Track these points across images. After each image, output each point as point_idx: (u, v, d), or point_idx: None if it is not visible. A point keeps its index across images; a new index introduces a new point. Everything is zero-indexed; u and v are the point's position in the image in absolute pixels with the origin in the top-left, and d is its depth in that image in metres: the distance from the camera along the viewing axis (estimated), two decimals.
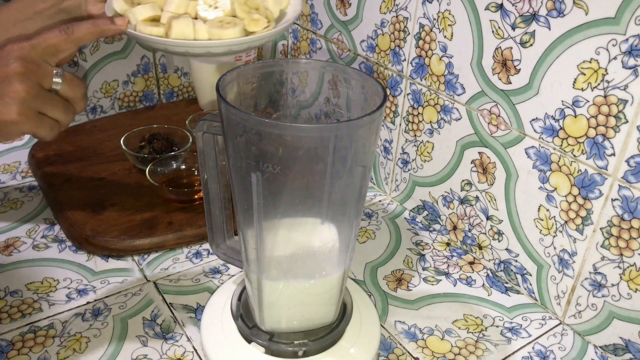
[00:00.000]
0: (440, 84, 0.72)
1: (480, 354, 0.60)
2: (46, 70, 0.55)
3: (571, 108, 0.58)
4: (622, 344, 0.59)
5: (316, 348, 0.54)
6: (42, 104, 0.55)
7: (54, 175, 0.80)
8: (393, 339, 0.61)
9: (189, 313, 0.62)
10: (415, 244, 0.76)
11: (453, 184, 0.75)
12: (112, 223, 0.71)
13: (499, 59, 0.63)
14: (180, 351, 0.57)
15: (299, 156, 0.44)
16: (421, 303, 0.66)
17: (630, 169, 0.54)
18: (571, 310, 0.64)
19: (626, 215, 0.56)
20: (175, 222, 0.72)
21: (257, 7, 0.59)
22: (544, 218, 0.64)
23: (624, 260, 0.57)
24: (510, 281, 0.70)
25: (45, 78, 0.55)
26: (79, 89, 0.58)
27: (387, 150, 0.84)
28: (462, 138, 0.71)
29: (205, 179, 0.54)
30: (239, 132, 0.44)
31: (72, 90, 0.57)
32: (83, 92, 0.58)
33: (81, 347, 0.57)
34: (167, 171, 0.79)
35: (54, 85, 0.56)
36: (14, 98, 0.52)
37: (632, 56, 0.51)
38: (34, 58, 0.54)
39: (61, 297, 0.62)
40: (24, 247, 0.69)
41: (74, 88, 0.57)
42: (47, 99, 0.55)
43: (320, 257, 0.52)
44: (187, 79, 1.07)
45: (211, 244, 0.59)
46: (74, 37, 0.56)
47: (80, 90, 0.58)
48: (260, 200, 0.46)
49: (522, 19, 0.60)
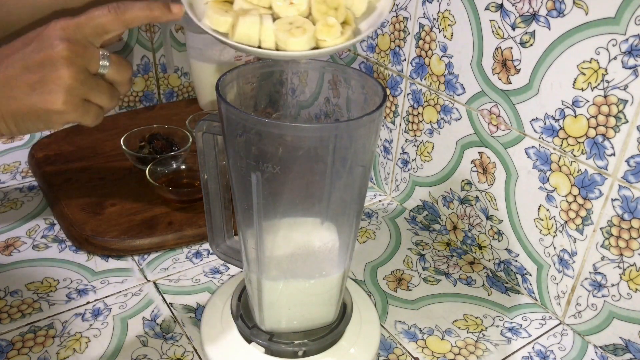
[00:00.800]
0: (440, 84, 0.72)
1: (480, 354, 0.60)
2: (93, 53, 0.50)
3: (571, 108, 0.58)
4: (622, 344, 0.59)
5: (316, 348, 0.54)
6: (88, 91, 0.50)
7: (54, 175, 0.80)
8: (393, 339, 0.61)
9: (189, 313, 0.62)
10: (415, 244, 0.76)
11: (453, 184, 0.75)
12: (112, 223, 0.71)
13: (499, 59, 0.63)
14: (180, 351, 0.57)
15: (299, 156, 0.44)
16: (421, 303, 0.66)
17: (630, 169, 0.54)
18: (571, 310, 0.64)
19: (626, 215, 0.56)
20: (175, 222, 0.72)
21: (336, 7, 0.49)
22: (544, 218, 0.64)
23: (624, 260, 0.57)
24: (510, 281, 0.70)
25: (92, 62, 0.50)
26: (126, 72, 0.52)
27: (387, 150, 0.84)
28: (462, 138, 0.71)
29: (205, 179, 0.54)
30: (239, 132, 0.44)
31: (120, 74, 0.52)
32: (129, 75, 0.53)
33: (81, 347, 0.57)
34: (167, 171, 0.79)
35: (101, 70, 0.50)
36: (59, 85, 0.47)
37: (632, 56, 0.51)
38: (79, 39, 0.48)
39: (61, 297, 0.62)
40: (24, 247, 0.69)
41: (121, 71, 0.52)
42: (94, 85, 0.50)
43: (320, 257, 0.52)
44: (187, 79, 1.07)
45: (211, 244, 0.59)
46: (125, 17, 0.50)
47: (127, 74, 0.53)
48: (260, 200, 0.46)
49: (522, 19, 0.60)
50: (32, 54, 0.48)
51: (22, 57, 0.48)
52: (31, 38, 0.49)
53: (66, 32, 0.48)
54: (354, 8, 0.49)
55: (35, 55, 0.47)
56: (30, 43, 0.48)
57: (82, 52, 0.48)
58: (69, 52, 0.47)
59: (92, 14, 0.49)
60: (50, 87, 0.47)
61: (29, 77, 0.48)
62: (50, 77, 0.47)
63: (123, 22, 0.50)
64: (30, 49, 0.48)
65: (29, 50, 0.48)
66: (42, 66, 0.47)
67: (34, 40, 0.48)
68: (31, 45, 0.48)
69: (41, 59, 0.47)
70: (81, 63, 0.48)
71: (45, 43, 0.47)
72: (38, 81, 0.48)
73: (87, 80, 0.49)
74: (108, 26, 0.50)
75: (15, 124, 0.50)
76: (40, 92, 0.48)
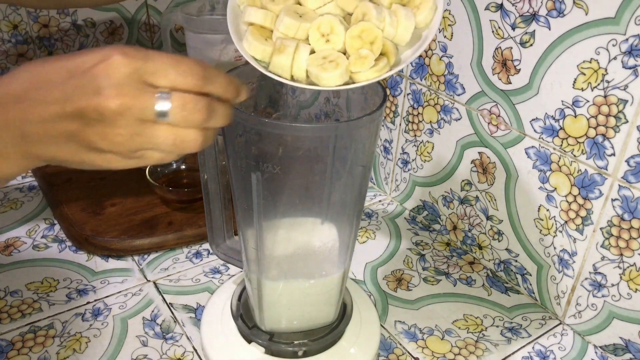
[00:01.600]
0: (440, 84, 0.72)
1: (480, 354, 0.60)
2: (146, 97, 0.36)
3: (571, 108, 0.58)
4: (622, 344, 0.59)
5: (316, 348, 0.54)
6: (139, 145, 0.37)
7: (54, 175, 0.80)
8: (393, 339, 0.61)
9: (189, 313, 0.62)
10: (415, 244, 0.76)
11: (453, 184, 0.75)
12: (112, 223, 0.71)
13: (499, 59, 0.63)
14: (180, 351, 0.57)
15: (299, 156, 0.44)
16: (421, 303, 0.66)
17: (630, 169, 0.54)
18: (571, 310, 0.64)
19: (626, 215, 0.56)
20: (175, 222, 0.72)
21: (372, 41, 0.45)
22: (544, 218, 0.64)
23: (624, 260, 0.57)
24: (510, 281, 0.70)
25: (146, 109, 0.36)
26: (197, 113, 0.37)
27: (387, 150, 0.84)
28: (462, 138, 0.71)
29: (205, 179, 0.54)
30: (239, 132, 0.44)
31: (186, 118, 0.37)
32: (201, 117, 0.37)
33: (81, 347, 0.57)
34: (167, 171, 0.79)
35: (158, 116, 0.36)
36: (113, 151, 0.37)
37: (632, 56, 0.51)
38: (136, 82, 0.36)
39: (61, 297, 0.62)
40: (24, 247, 0.69)
41: (188, 113, 0.37)
42: (147, 137, 0.37)
43: (320, 257, 0.52)
44: None
45: (211, 244, 0.59)
46: (209, 83, 0.38)
47: (197, 115, 0.37)
48: (260, 200, 0.46)
49: (522, 19, 0.60)
50: (74, 92, 0.36)
51: (63, 92, 0.36)
52: (80, 67, 0.36)
53: (127, 71, 0.36)
54: (397, 39, 0.46)
55: (76, 100, 0.36)
56: (75, 75, 0.36)
57: (134, 99, 0.36)
58: (118, 105, 0.35)
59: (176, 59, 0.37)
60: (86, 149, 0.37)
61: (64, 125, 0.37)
62: (89, 133, 0.36)
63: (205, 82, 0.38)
64: (72, 86, 0.36)
65: (71, 86, 0.36)
66: (81, 118, 0.36)
67: (82, 75, 0.36)
68: (75, 80, 0.36)
69: (82, 107, 0.36)
70: (133, 114, 0.36)
71: (90, 83, 0.35)
72: (71, 135, 0.37)
73: (138, 133, 0.37)
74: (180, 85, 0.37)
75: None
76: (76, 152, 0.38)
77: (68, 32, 0.94)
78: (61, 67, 0.37)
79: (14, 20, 0.88)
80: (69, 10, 0.93)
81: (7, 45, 0.89)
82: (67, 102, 0.36)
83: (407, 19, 0.45)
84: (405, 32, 0.45)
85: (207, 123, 0.38)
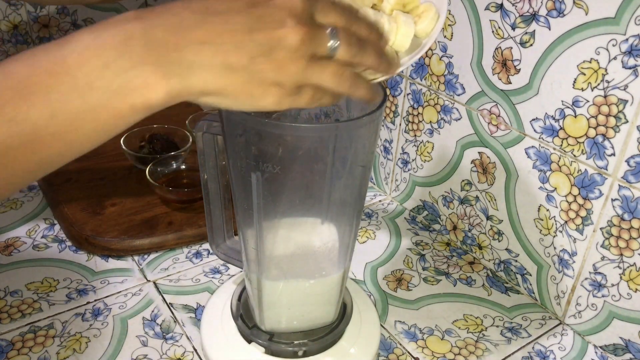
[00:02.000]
0: (440, 84, 0.72)
1: (480, 354, 0.60)
2: (322, 33, 0.37)
3: (571, 108, 0.58)
4: (622, 344, 0.59)
5: (316, 348, 0.54)
6: (307, 79, 0.38)
7: (54, 175, 0.79)
8: (393, 339, 0.61)
9: (189, 313, 0.62)
10: (415, 244, 0.76)
11: (453, 184, 0.75)
12: (112, 223, 0.71)
13: (499, 59, 0.63)
14: (180, 351, 0.57)
15: (299, 156, 0.44)
16: (421, 303, 0.66)
17: (630, 169, 0.54)
18: (571, 310, 0.64)
19: (626, 215, 0.56)
20: (175, 222, 0.72)
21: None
22: (544, 218, 0.64)
23: (624, 260, 0.57)
24: (510, 281, 0.70)
25: (321, 44, 0.37)
26: (368, 55, 0.39)
27: (387, 150, 0.84)
28: (462, 138, 0.71)
29: (205, 179, 0.54)
30: (239, 132, 0.44)
31: (356, 55, 0.39)
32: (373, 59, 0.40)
33: (81, 347, 0.57)
34: (167, 171, 0.79)
35: (330, 50, 0.38)
36: (280, 84, 0.37)
37: (632, 56, 0.51)
38: (310, 17, 0.37)
39: (61, 297, 0.62)
40: (24, 247, 0.69)
41: (354, 52, 0.39)
42: (316, 71, 0.38)
43: (320, 257, 0.52)
44: None
45: (211, 244, 0.59)
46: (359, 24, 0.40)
47: (369, 58, 0.40)
48: (260, 200, 0.46)
49: (522, 19, 0.60)
50: (256, 25, 0.36)
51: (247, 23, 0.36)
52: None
53: (298, 4, 0.36)
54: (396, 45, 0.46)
55: (262, 28, 0.36)
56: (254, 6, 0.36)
57: (311, 36, 0.36)
58: (299, 40, 0.36)
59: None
60: (264, 85, 0.37)
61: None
62: (268, 70, 0.36)
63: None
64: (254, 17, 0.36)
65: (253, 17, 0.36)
66: (261, 46, 0.36)
67: (265, 4, 0.36)
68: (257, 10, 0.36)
69: (268, 36, 0.35)
70: (309, 50, 0.37)
71: (268, 15, 0.35)
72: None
73: (310, 70, 0.37)
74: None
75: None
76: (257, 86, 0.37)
77: (68, 32, 0.94)
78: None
79: (14, 20, 0.88)
80: (69, 10, 0.93)
81: (7, 45, 0.89)
82: (252, 30, 0.35)
83: (406, 25, 0.45)
84: (404, 39, 0.45)
85: (364, 61, 0.40)
